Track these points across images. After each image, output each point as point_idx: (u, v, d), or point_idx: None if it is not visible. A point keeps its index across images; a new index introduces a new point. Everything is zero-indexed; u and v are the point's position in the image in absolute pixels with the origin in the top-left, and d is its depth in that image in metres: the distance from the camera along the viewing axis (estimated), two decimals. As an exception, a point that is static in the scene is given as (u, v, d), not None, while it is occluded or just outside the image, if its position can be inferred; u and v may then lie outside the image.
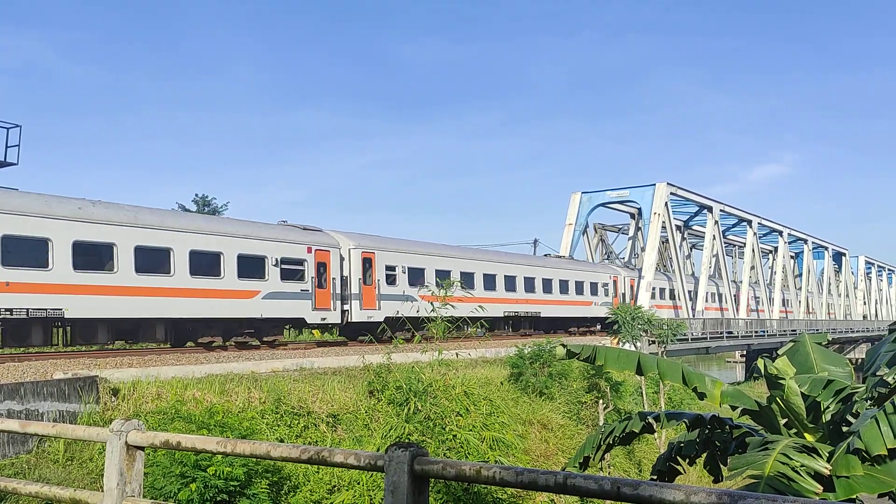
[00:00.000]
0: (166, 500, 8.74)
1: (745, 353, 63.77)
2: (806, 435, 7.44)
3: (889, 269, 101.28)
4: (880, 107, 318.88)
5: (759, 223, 58.70)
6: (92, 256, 17.36)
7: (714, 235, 50.87)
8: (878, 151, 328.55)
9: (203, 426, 10.31)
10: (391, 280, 25.74)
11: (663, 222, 45.04)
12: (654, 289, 42.87)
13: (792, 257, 71.71)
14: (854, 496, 6.23)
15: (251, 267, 20.77)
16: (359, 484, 11.16)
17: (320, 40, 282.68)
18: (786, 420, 7.60)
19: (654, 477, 8.65)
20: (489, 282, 30.61)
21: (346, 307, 24.02)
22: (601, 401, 20.75)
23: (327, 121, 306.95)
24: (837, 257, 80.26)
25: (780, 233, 63.89)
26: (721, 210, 52.56)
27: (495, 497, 12.28)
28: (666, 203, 45.25)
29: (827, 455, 6.50)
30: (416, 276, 26.54)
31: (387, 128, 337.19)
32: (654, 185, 45.17)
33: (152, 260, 18.33)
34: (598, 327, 37.49)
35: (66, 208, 17.01)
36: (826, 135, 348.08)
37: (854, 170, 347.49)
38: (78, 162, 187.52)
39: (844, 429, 7.28)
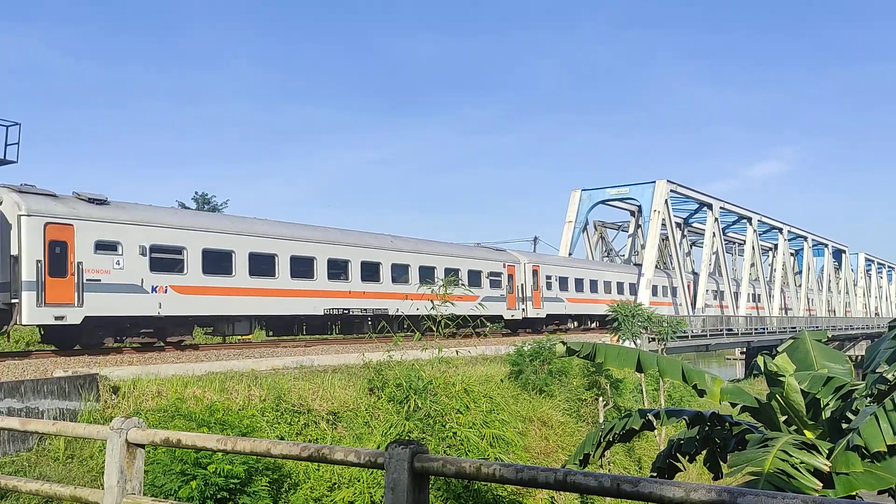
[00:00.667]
0: (167, 497, 8.75)
1: (744, 350, 63.90)
2: (806, 432, 7.45)
3: (889, 266, 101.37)
4: (880, 102, 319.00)
5: (758, 220, 58.73)
6: (398, 273, 25.97)
7: (714, 233, 50.92)
8: (878, 148, 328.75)
9: (203, 424, 10.33)
10: (549, 287, 34.31)
11: (663, 219, 45.08)
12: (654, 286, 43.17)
13: (792, 254, 71.73)
14: (854, 493, 6.24)
15: (475, 278, 29.11)
16: (359, 481, 11.17)
17: (318, 35, 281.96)
18: (785, 417, 7.61)
19: (654, 474, 8.68)
20: (606, 286, 39.83)
21: (523, 307, 32.34)
22: (601, 398, 20.76)
23: (325, 116, 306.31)
24: (837, 254, 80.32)
25: (780, 230, 63.93)
26: (721, 207, 52.58)
27: (495, 494, 12.29)
28: (666, 200, 45.28)
29: (826, 452, 6.51)
30: (563, 284, 35.50)
31: (385, 123, 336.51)
32: (654, 182, 45.20)
33: (427, 275, 25.79)
34: None
35: (384, 241, 26.02)
36: (826, 131, 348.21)
37: (854, 167, 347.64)
38: (75, 158, 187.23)
39: (844, 426, 7.29)
